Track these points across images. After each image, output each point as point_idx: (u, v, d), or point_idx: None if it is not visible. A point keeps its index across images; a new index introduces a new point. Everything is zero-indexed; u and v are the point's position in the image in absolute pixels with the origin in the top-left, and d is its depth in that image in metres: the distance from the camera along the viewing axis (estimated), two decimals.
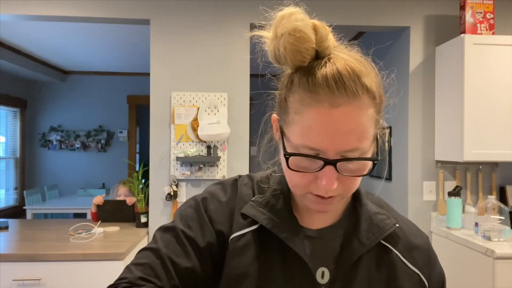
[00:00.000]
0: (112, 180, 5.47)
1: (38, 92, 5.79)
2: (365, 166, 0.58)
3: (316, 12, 0.63)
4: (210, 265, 0.65)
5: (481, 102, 2.28)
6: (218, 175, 2.56)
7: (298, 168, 0.57)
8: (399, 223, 0.68)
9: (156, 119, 2.57)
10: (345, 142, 0.54)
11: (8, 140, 5.42)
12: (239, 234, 0.65)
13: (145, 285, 0.60)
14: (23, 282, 1.95)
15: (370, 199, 0.71)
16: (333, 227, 0.67)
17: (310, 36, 0.55)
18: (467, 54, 2.28)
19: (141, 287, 0.59)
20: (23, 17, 2.56)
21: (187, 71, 2.56)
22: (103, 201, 2.70)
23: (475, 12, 2.37)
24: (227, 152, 2.58)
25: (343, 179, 0.57)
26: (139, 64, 5.06)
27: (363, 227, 0.65)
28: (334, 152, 0.54)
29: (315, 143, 0.54)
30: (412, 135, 2.61)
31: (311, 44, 0.55)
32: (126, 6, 2.53)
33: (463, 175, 2.61)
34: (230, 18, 2.60)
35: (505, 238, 2.11)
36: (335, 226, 0.67)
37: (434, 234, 2.57)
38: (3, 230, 2.51)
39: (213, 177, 2.57)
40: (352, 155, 0.55)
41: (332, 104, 0.53)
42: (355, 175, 0.57)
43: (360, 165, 0.57)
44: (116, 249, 2.07)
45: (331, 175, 0.55)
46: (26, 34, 3.89)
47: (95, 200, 2.70)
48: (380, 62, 0.63)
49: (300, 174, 0.57)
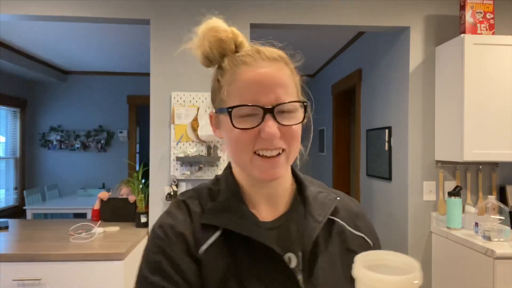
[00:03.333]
0: (112, 180, 5.47)
1: (38, 92, 5.79)
2: (299, 116, 0.67)
3: (316, 12, 0.66)
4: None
5: (481, 102, 2.28)
6: None
7: (241, 126, 0.64)
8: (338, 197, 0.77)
9: (156, 119, 2.57)
10: (275, 90, 0.64)
11: (8, 140, 5.42)
12: (207, 245, 0.66)
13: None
14: (23, 282, 1.95)
15: (310, 182, 0.79)
16: (286, 215, 0.72)
17: (225, 28, 0.70)
18: (467, 54, 2.28)
19: None
20: (23, 17, 2.56)
21: (187, 71, 2.56)
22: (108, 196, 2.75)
23: (475, 12, 2.37)
24: (227, 152, 2.58)
25: (283, 132, 0.65)
26: (139, 64, 5.06)
27: (313, 207, 0.72)
28: (269, 101, 0.64)
29: (251, 96, 0.64)
30: (412, 135, 2.61)
31: (229, 33, 0.70)
32: (126, 6, 2.54)
33: (463, 175, 2.61)
34: (230, 18, 2.59)
35: (505, 238, 2.11)
36: (287, 213, 0.73)
37: (434, 234, 2.57)
38: (3, 230, 2.51)
39: (213, 177, 2.56)
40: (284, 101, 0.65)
41: (258, 67, 0.66)
42: (292, 124, 0.65)
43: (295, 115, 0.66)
44: (116, 249, 2.07)
45: (272, 122, 0.63)
46: (26, 34, 3.89)
47: (100, 195, 2.75)
48: (380, 61, 0.66)
49: (243, 133, 0.64)
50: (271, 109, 0.64)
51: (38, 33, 3.86)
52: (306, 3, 2.59)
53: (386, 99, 3.01)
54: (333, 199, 0.75)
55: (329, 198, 0.75)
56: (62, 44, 4.24)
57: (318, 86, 5.20)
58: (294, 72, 0.71)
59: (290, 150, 0.67)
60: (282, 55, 0.70)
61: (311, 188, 0.76)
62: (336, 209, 0.74)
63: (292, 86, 0.68)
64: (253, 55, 0.67)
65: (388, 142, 2.94)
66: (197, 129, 2.52)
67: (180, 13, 2.57)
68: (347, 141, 4.41)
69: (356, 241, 0.74)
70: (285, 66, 0.69)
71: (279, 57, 0.69)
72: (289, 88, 0.67)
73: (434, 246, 2.58)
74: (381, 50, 3.11)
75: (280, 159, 0.66)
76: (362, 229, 0.76)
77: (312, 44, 3.91)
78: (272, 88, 0.65)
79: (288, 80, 0.68)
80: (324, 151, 4.89)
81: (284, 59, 0.69)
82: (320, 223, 0.70)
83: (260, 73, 0.65)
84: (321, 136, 5.01)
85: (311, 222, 0.70)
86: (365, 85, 3.51)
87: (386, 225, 2.98)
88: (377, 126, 3.19)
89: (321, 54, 4.37)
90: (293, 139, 0.67)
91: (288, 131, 0.66)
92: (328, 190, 0.79)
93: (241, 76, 0.66)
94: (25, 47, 4.37)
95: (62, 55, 4.74)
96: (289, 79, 0.68)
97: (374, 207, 3.27)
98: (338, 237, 0.72)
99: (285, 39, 0.71)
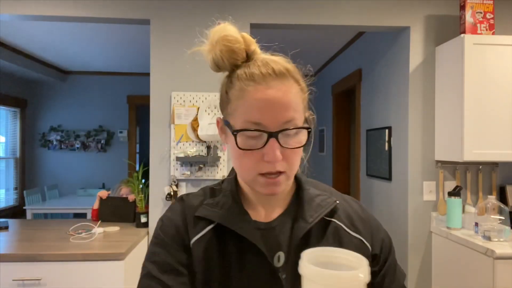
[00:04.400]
0: (112, 180, 5.47)
1: (38, 92, 5.79)
2: (302, 139, 0.67)
3: (316, 12, 0.65)
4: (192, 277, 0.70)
5: (481, 102, 2.28)
6: (218, 175, 2.56)
7: (245, 147, 0.65)
8: (340, 201, 0.78)
9: (156, 119, 2.57)
10: (282, 114, 0.64)
11: (8, 140, 5.42)
12: (198, 237, 0.71)
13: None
14: (23, 282, 1.95)
15: (314, 185, 0.80)
16: (282, 216, 0.74)
17: (239, 38, 0.68)
18: (467, 54, 2.28)
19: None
20: (23, 17, 2.56)
21: (187, 71, 2.56)
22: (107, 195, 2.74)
23: (475, 12, 2.37)
24: (227, 152, 2.58)
25: (285, 154, 0.65)
26: (139, 64, 5.06)
27: (306, 208, 0.73)
28: (274, 124, 0.64)
29: (257, 118, 0.64)
30: (412, 135, 2.61)
31: (241, 45, 0.68)
32: (126, 6, 2.54)
33: (463, 175, 2.61)
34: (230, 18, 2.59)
35: (505, 238, 2.11)
36: (283, 215, 0.74)
37: (434, 234, 2.57)
38: (3, 230, 2.51)
39: (213, 177, 2.57)
40: (289, 126, 0.65)
41: (267, 85, 0.65)
42: (295, 147, 0.66)
43: (298, 138, 0.66)
44: (116, 249, 2.07)
45: (275, 146, 0.64)
46: (26, 34, 3.89)
47: (100, 193, 2.74)
48: (380, 61, 0.66)
49: (248, 153, 0.65)
50: (276, 133, 0.64)
51: (38, 33, 3.86)
52: (306, 3, 2.59)
53: (386, 99, 3.01)
54: (331, 202, 0.75)
55: (327, 201, 0.75)
56: (62, 44, 4.24)
57: (318, 86, 5.17)
58: (302, 87, 0.70)
59: (290, 170, 0.68)
60: (290, 69, 0.68)
61: (310, 190, 0.77)
62: (333, 211, 0.75)
63: (299, 104, 0.67)
64: (261, 70, 0.66)
65: (388, 142, 2.94)
66: (197, 129, 2.52)
67: (180, 13, 2.57)
68: (347, 141, 4.41)
69: (352, 242, 0.74)
70: (294, 84, 0.67)
71: (287, 71, 0.67)
72: (297, 106, 0.67)
73: (434, 246, 2.58)
74: (381, 50, 3.11)
75: (281, 178, 0.67)
76: (361, 231, 0.76)
77: (312, 44, 3.91)
78: (279, 112, 0.64)
79: (296, 100, 0.67)
80: (324, 151, 4.89)
81: (292, 74, 0.68)
82: (310, 224, 0.71)
83: (268, 95, 0.64)
84: (321, 136, 5.01)
85: (301, 222, 0.71)
86: (365, 85, 3.51)
87: (386, 225, 2.98)
88: (377, 126, 3.19)
89: (321, 54, 4.37)
90: (294, 160, 0.68)
91: (290, 153, 0.66)
92: (332, 194, 0.79)
93: (249, 95, 0.65)
94: (25, 47, 4.37)
95: (62, 55, 4.74)
96: (297, 98, 0.67)
97: (374, 207, 3.27)
98: (332, 237, 0.73)
99: (285, 39, 0.71)
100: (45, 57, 4.87)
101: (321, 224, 0.73)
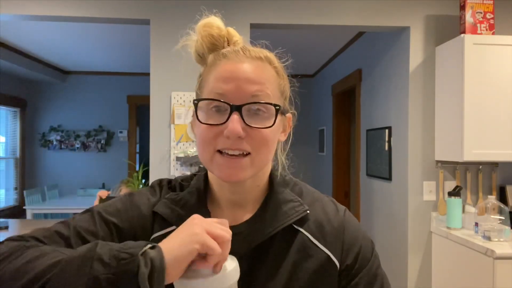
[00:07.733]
0: (112, 180, 5.47)
1: (38, 92, 5.79)
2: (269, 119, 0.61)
3: (316, 12, 0.65)
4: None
5: (481, 102, 2.28)
6: None
7: (206, 121, 0.61)
8: (314, 206, 0.70)
9: (156, 119, 2.57)
10: (249, 87, 0.60)
11: (8, 140, 5.42)
12: (159, 234, 0.66)
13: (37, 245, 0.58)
14: None
15: (291, 188, 0.72)
16: (248, 222, 0.68)
17: (219, 25, 0.67)
18: (467, 54, 2.28)
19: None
20: (23, 17, 2.56)
21: (187, 71, 2.56)
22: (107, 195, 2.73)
23: (475, 12, 2.37)
24: None
25: (252, 135, 0.60)
26: (139, 64, 5.05)
27: (268, 216, 0.67)
28: (240, 98, 0.60)
29: (221, 88, 0.60)
30: (412, 135, 2.61)
31: (222, 31, 0.67)
32: (126, 6, 2.53)
33: (463, 175, 2.61)
34: (230, 18, 2.59)
35: (505, 238, 2.11)
36: (250, 221, 0.68)
37: (434, 234, 2.57)
38: (3, 230, 2.51)
39: None
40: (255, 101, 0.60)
41: (239, 60, 0.62)
42: (260, 127, 0.61)
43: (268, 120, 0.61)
44: None
45: (236, 120, 0.59)
46: (26, 34, 3.89)
47: (100, 193, 2.74)
48: (380, 61, 0.66)
49: (207, 127, 0.61)
50: (239, 106, 0.59)
51: (38, 33, 3.86)
52: (306, 3, 2.59)
53: (386, 99, 3.01)
54: (300, 211, 0.68)
55: (296, 209, 0.68)
56: (62, 44, 4.24)
57: (318, 86, 5.20)
58: (281, 74, 0.66)
59: (256, 154, 0.62)
60: (269, 56, 0.65)
61: (281, 195, 0.70)
62: (303, 220, 0.68)
63: (274, 88, 0.64)
64: (237, 51, 0.64)
65: (388, 142, 2.94)
66: None
67: (180, 13, 2.57)
68: (347, 141, 4.41)
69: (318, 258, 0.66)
70: (269, 66, 0.65)
71: (265, 57, 0.65)
72: (269, 89, 0.62)
73: (434, 246, 2.58)
74: (381, 50, 3.11)
75: (242, 160, 0.61)
76: (332, 243, 0.68)
77: (312, 44, 3.91)
78: (246, 85, 0.60)
79: (269, 80, 0.63)
80: (324, 151, 4.89)
81: (269, 60, 0.65)
82: (266, 236, 0.65)
83: (237, 67, 0.61)
84: (321, 136, 5.01)
85: (261, 229, 0.66)
86: (365, 85, 3.51)
87: (386, 225, 2.98)
88: (377, 126, 3.19)
89: (321, 54, 4.37)
90: (260, 144, 0.61)
91: (255, 134, 0.61)
92: (307, 200, 0.71)
93: (218, 68, 0.63)
94: (25, 47, 4.37)
95: (62, 55, 4.74)
96: (271, 79, 0.64)
97: (374, 207, 3.27)
98: (296, 251, 0.66)
99: (285, 39, 0.70)
100: (45, 57, 4.87)
101: (287, 233, 0.67)
